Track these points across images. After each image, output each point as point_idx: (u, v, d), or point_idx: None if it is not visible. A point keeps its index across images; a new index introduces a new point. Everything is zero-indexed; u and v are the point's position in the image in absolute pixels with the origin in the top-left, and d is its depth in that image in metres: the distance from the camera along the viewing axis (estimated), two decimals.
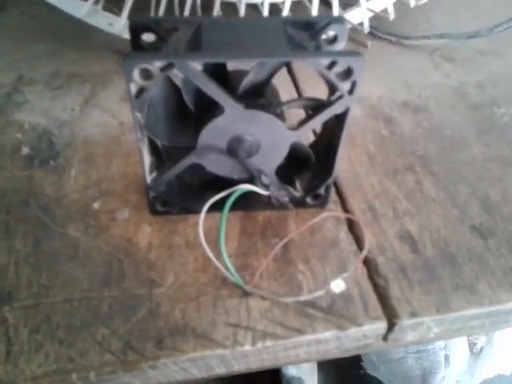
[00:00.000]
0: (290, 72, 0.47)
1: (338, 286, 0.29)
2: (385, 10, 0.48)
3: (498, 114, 0.44)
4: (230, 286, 0.30)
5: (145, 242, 0.33)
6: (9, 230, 0.33)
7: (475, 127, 0.43)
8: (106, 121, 0.41)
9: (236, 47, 0.27)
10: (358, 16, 0.46)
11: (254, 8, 0.52)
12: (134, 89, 0.26)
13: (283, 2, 0.42)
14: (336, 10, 0.42)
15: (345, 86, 0.28)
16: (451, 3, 0.61)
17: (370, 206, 0.36)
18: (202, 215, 0.29)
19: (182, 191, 0.34)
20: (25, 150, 0.38)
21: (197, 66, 0.25)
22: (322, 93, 0.31)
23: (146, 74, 0.26)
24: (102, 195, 0.35)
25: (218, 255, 0.29)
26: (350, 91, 0.28)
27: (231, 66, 0.30)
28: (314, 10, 0.42)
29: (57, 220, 0.34)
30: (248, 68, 0.29)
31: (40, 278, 0.30)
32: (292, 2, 0.42)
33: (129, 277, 0.31)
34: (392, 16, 0.45)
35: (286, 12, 0.43)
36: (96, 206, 0.35)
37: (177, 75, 0.27)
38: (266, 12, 0.43)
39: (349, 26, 0.29)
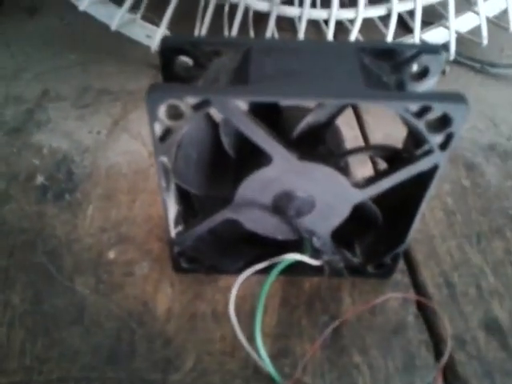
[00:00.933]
0: (355, 107, 0.40)
1: None
2: (471, 32, 0.41)
3: None
4: (264, 378, 0.24)
5: (163, 308, 0.27)
6: (8, 279, 0.28)
7: None
8: (135, 149, 0.36)
9: (293, 81, 0.20)
10: (439, 37, 0.39)
11: (315, 26, 0.45)
12: (158, 130, 0.20)
13: (352, 21, 0.36)
14: (417, 33, 0.35)
15: (437, 139, 0.21)
16: None
17: (447, 280, 0.29)
18: (235, 290, 0.23)
19: (213, 247, 0.28)
20: (39, 180, 0.33)
21: (240, 105, 0.19)
22: (395, 134, 0.24)
23: (175, 112, 0.20)
24: (120, 241, 0.30)
25: (251, 334, 0.23)
26: (443, 146, 0.21)
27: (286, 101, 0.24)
28: (391, 31, 0.35)
29: (64, 270, 0.28)
30: (307, 104, 0.23)
31: (35, 345, 0.25)
32: (363, 20, 0.36)
33: (140, 354, 0.25)
34: (485, 41, 0.37)
35: (355, 32, 0.36)
36: (111, 255, 0.29)
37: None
38: (331, 32, 0.36)
39: (444, 57, 0.22)
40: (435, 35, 0.40)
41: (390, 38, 0.37)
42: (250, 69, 0.21)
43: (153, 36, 0.38)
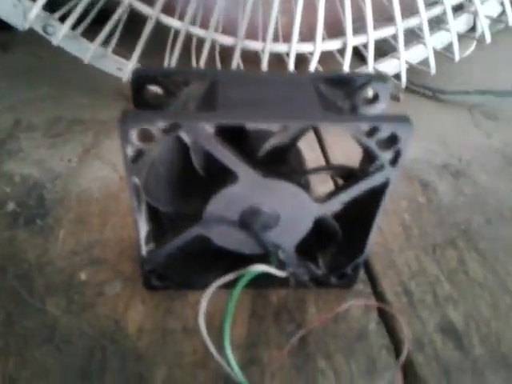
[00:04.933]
0: (316, 130, 0.43)
1: None
2: (422, 63, 0.44)
3: None
4: None
5: (135, 326, 0.27)
6: None
7: None
8: (106, 175, 0.37)
9: (257, 107, 0.22)
10: (392, 67, 0.42)
11: (278, 58, 0.48)
12: (130, 152, 0.22)
13: (311, 53, 0.38)
14: (371, 64, 0.38)
15: (387, 156, 0.23)
16: (489, 56, 0.56)
17: (406, 288, 0.30)
18: (204, 302, 0.24)
19: (183, 263, 0.29)
20: (10, 206, 0.34)
21: (208, 128, 0.21)
22: (353, 155, 0.26)
23: (146, 136, 0.21)
24: (92, 263, 0.30)
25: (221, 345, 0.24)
26: (393, 162, 0.23)
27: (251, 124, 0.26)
28: (346, 63, 0.38)
29: (35, 292, 0.29)
30: (271, 128, 0.25)
31: (7, 365, 0.25)
32: (322, 52, 0.38)
33: (112, 370, 0.25)
34: (433, 71, 0.40)
35: (314, 63, 0.39)
36: (83, 276, 0.30)
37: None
38: (291, 64, 0.39)
39: (391, 84, 0.24)
40: (388, 65, 0.43)
41: (346, 69, 0.40)
42: (217, 96, 0.22)
43: (123, 69, 0.40)
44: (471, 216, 0.35)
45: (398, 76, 0.43)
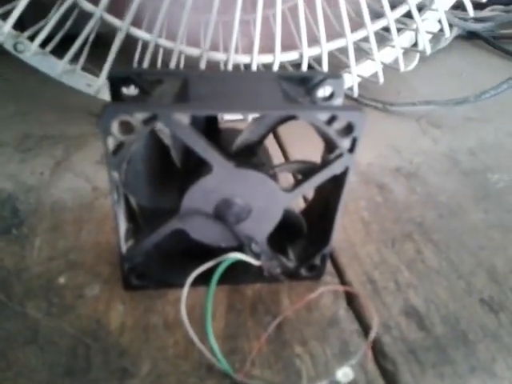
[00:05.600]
0: (276, 137, 0.46)
1: (345, 375, 0.25)
2: (372, 76, 0.48)
3: (493, 181, 0.43)
4: (217, 375, 0.26)
5: (117, 323, 0.28)
6: None
7: (471, 194, 0.41)
8: (79, 186, 0.38)
9: (227, 99, 0.24)
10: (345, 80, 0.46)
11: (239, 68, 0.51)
12: (111, 144, 0.23)
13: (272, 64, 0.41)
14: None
15: (345, 144, 0.25)
16: (433, 72, 0.62)
17: (370, 277, 0.33)
18: (186, 289, 0.25)
19: (161, 262, 0.30)
20: None
21: (183, 118, 0.23)
22: (310, 157, 0.29)
23: (126, 128, 0.23)
24: (69, 268, 0.31)
25: (203, 338, 0.25)
26: (351, 149, 0.26)
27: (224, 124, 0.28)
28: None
29: (14, 297, 0.29)
30: (242, 127, 0.27)
31: None
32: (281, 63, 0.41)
33: (96, 366, 0.26)
34: (381, 79, 0.44)
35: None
36: (62, 280, 0.30)
37: (162, 129, 0.24)
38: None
39: (344, 81, 0.27)
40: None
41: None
42: (189, 92, 0.25)
43: (93, 85, 0.41)
44: (424, 212, 0.38)
45: (350, 89, 0.47)
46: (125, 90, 0.25)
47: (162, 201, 0.27)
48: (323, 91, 0.27)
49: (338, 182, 0.27)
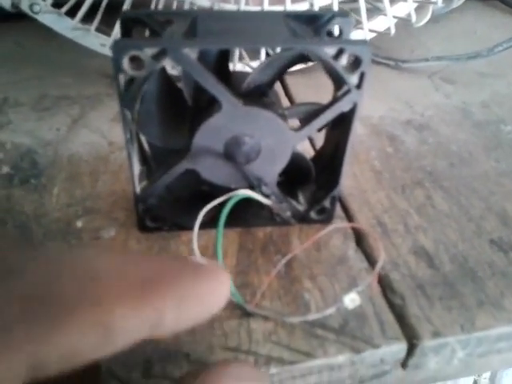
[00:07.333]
0: (284, 86, 0.46)
1: (352, 300, 0.25)
2: (384, 32, 0.48)
3: (505, 131, 0.43)
4: (229, 305, 0.26)
5: None
6: None
7: (483, 144, 0.41)
8: (94, 140, 0.39)
9: (236, 35, 0.25)
10: (358, 37, 0.46)
11: None
12: (122, 80, 0.24)
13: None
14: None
15: (352, 79, 0.26)
16: (447, 31, 0.61)
17: (379, 220, 0.33)
18: (197, 224, 0.26)
19: (174, 205, 0.31)
20: (5, 169, 0.35)
21: (192, 53, 0.23)
22: None
23: (137, 63, 0.23)
24: (86, 213, 0.32)
25: None
26: (358, 85, 0.26)
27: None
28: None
29: (35, 240, 0.30)
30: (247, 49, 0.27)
31: None
32: None
33: None
34: (393, 31, 0.44)
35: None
36: (79, 224, 0.31)
37: (173, 66, 0.25)
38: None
39: (353, 20, 0.27)
40: (354, 36, 0.47)
41: None
42: (198, 29, 0.25)
43: (107, 44, 0.42)
44: (435, 161, 0.39)
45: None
46: (136, 31, 0.26)
47: (174, 141, 0.28)
48: (331, 29, 0.27)
49: (346, 120, 0.28)
